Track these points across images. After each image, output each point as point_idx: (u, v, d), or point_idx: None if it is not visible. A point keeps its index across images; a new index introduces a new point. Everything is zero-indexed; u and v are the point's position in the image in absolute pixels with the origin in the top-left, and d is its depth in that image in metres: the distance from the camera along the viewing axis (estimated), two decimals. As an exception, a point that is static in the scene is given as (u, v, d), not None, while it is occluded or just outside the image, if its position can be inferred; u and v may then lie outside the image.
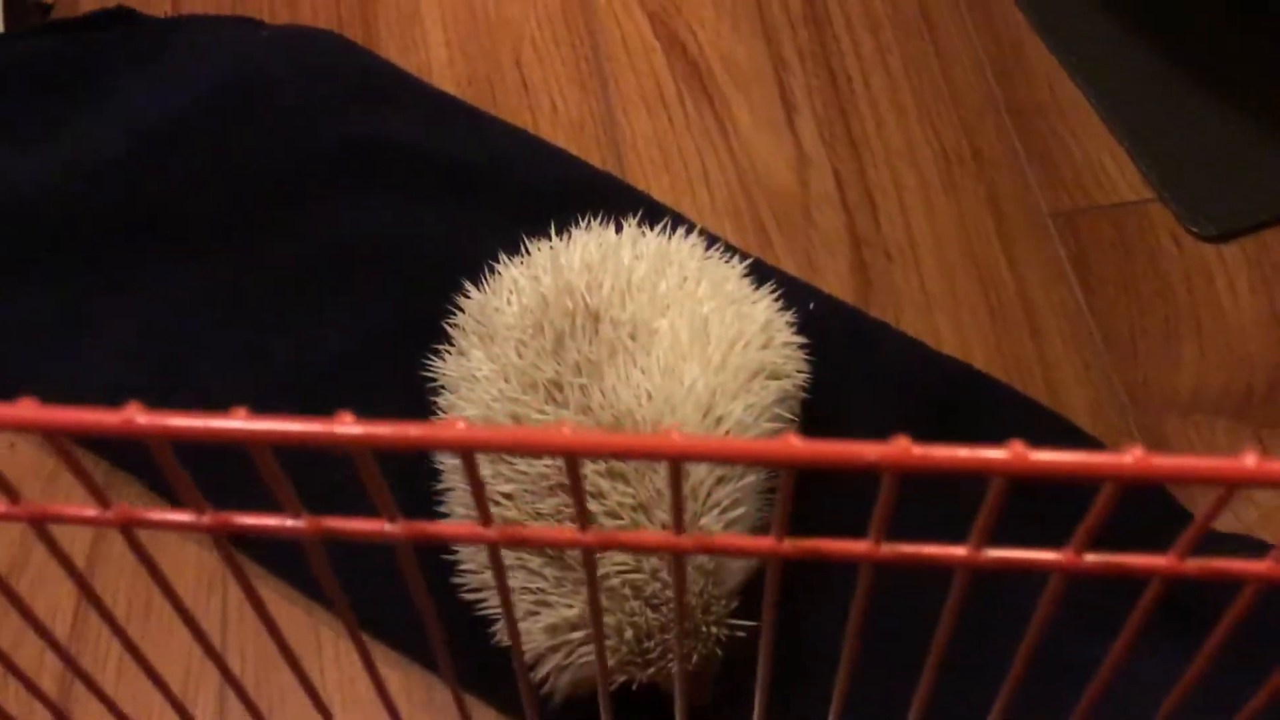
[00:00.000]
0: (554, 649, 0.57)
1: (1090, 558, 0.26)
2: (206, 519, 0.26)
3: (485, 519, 0.27)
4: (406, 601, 0.37)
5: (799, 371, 0.62)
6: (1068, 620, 0.39)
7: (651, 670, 0.56)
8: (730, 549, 0.26)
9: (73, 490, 0.72)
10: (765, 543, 0.26)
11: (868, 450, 0.23)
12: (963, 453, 0.23)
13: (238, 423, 0.24)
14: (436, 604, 0.38)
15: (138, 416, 0.24)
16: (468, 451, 0.24)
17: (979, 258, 0.78)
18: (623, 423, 0.56)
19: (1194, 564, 0.26)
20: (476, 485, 0.26)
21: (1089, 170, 0.81)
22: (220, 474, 0.35)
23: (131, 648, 0.34)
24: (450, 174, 0.80)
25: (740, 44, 0.88)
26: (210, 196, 0.82)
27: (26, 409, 0.24)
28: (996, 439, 0.35)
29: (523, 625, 0.57)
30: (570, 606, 0.55)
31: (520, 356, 0.59)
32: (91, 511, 0.27)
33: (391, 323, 0.74)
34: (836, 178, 0.82)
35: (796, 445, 0.23)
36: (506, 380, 0.58)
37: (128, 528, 0.27)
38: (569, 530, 0.26)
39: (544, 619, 0.57)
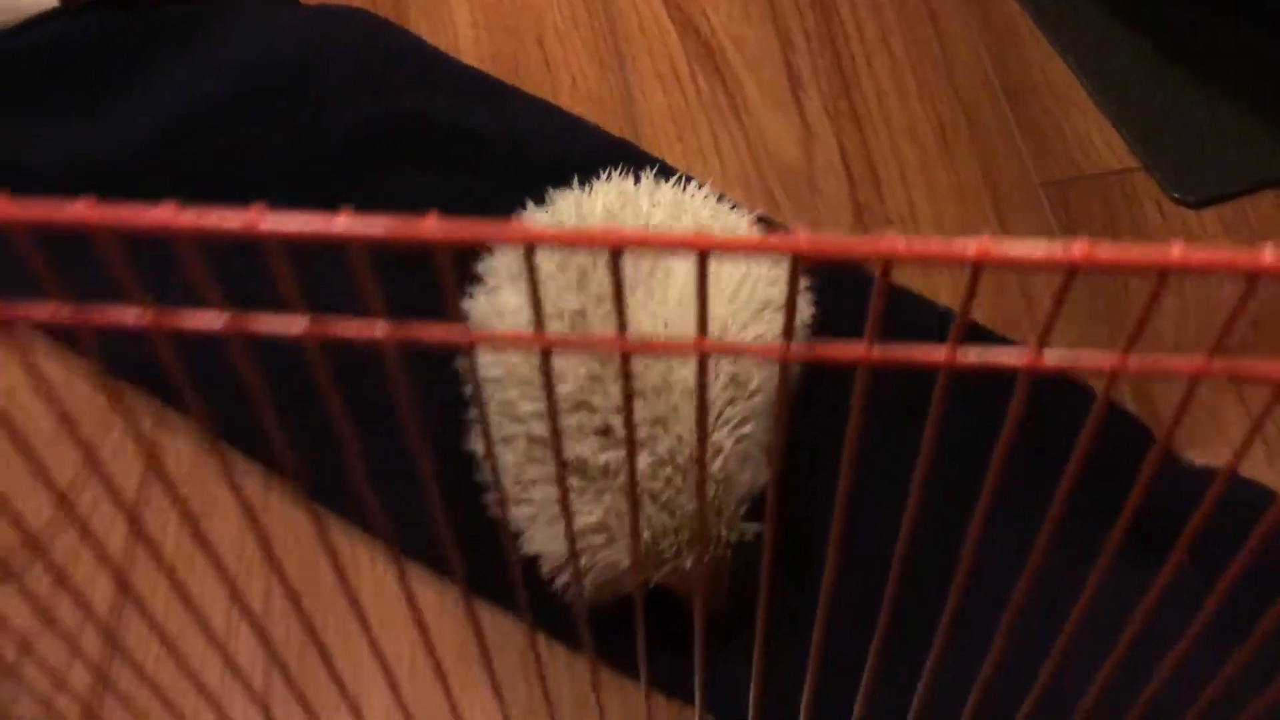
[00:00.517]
0: (579, 553, 0.62)
1: (1050, 354, 0.31)
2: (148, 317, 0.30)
3: (539, 323, 0.31)
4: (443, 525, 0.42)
5: (803, 305, 0.67)
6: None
7: (666, 569, 0.61)
8: (744, 349, 0.31)
9: (126, 433, 0.77)
10: (774, 349, 0.31)
11: (862, 244, 0.28)
12: (938, 246, 0.28)
13: (259, 220, 0.29)
14: (464, 522, 0.43)
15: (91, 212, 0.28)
16: (530, 245, 0.29)
17: (975, 223, 0.83)
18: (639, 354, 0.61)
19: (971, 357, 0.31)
20: (534, 287, 0.31)
21: (1078, 143, 0.86)
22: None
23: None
24: (480, 146, 0.85)
25: (750, 27, 0.94)
26: (249, 174, 0.87)
27: None
28: (994, 383, 0.40)
29: (547, 533, 0.62)
30: (591, 513, 0.60)
31: (544, 292, 0.64)
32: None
33: (426, 278, 0.79)
34: (841, 151, 0.88)
35: (803, 240, 0.28)
36: (532, 311, 0.63)
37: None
38: (609, 336, 0.31)
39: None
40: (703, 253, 0.28)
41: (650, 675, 0.52)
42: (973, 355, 0.31)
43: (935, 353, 0.31)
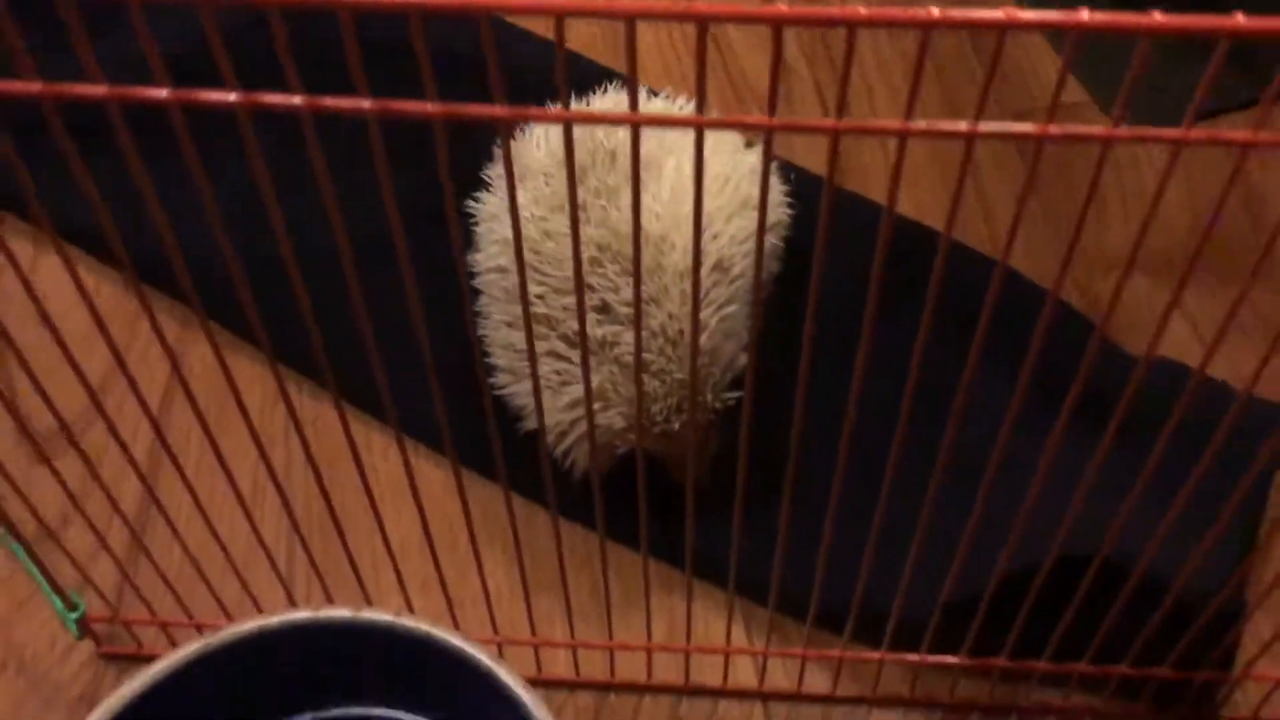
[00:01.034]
0: (576, 421, 0.68)
1: (984, 126, 0.38)
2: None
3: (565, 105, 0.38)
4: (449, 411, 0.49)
5: (782, 207, 0.74)
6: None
7: (657, 430, 0.67)
8: (734, 122, 0.38)
9: (152, 336, 0.83)
10: (758, 119, 0.38)
11: (831, 12, 0.34)
12: (897, 11, 0.34)
13: None
14: (465, 404, 0.49)
15: None
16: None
17: (939, 150, 0.90)
18: (632, 238, 0.67)
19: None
20: (561, 53, 0.37)
21: (1034, 78, 0.94)
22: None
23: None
24: (476, 70, 0.92)
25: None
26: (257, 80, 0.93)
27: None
28: (950, 281, 0.46)
29: (546, 403, 0.68)
30: (591, 382, 0.67)
31: (548, 186, 0.70)
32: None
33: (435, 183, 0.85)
34: (816, 86, 0.95)
35: (784, 10, 0.34)
36: (537, 205, 0.70)
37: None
38: (616, 114, 0.38)
39: (567, 395, 0.68)
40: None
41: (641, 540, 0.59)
42: (921, 125, 0.38)
43: (889, 124, 0.38)
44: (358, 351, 0.49)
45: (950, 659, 0.63)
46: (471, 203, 0.76)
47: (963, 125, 0.38)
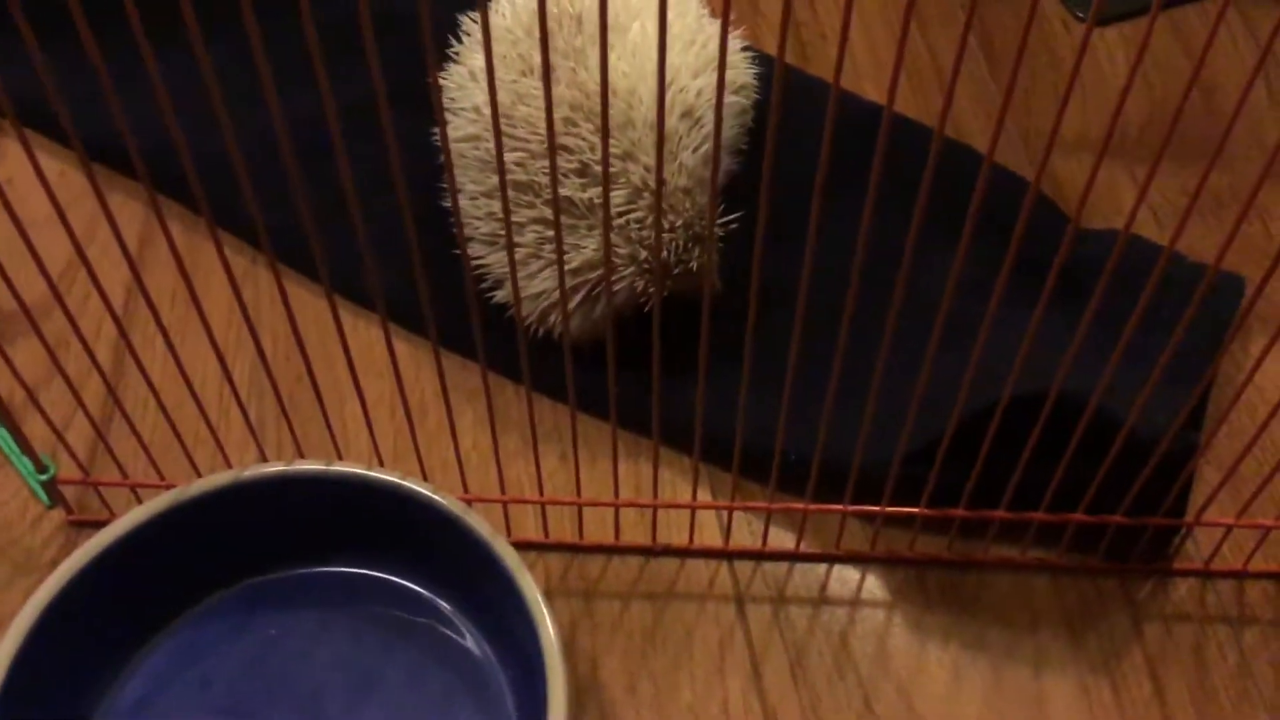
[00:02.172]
0: (575, 290, 0.68)
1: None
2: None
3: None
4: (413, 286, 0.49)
5: (746, 68, 0.75)
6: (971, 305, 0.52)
7: (676, 272, 0.68)
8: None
9: (121, 212, 0.83)
10: None
11: None
12: None
13: None
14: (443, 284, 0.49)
15: None
16: None
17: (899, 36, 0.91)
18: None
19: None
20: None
21: (995, -32, 0.95)
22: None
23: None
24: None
25: None
26: None
27: None
28: (910, 162, 0.47)
29: (544, 275, 0.69)
30: (587, 248, 0.67)
31: (517, 49, 0.71)
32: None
33: (406, 66, 0.85)
34: (779, -21, 0.95)
35: None
36: (506, 69, 0.70)
37: None
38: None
39: (566, 265, 0.68)
40: None
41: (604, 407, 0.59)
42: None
43: None
44: (324, 226, 0.50)
45: (911, 509, 0.65)
46: (439, 77, 0.76)
47: None
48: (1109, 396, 0.57)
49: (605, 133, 0.45)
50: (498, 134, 0.46)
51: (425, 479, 0.67)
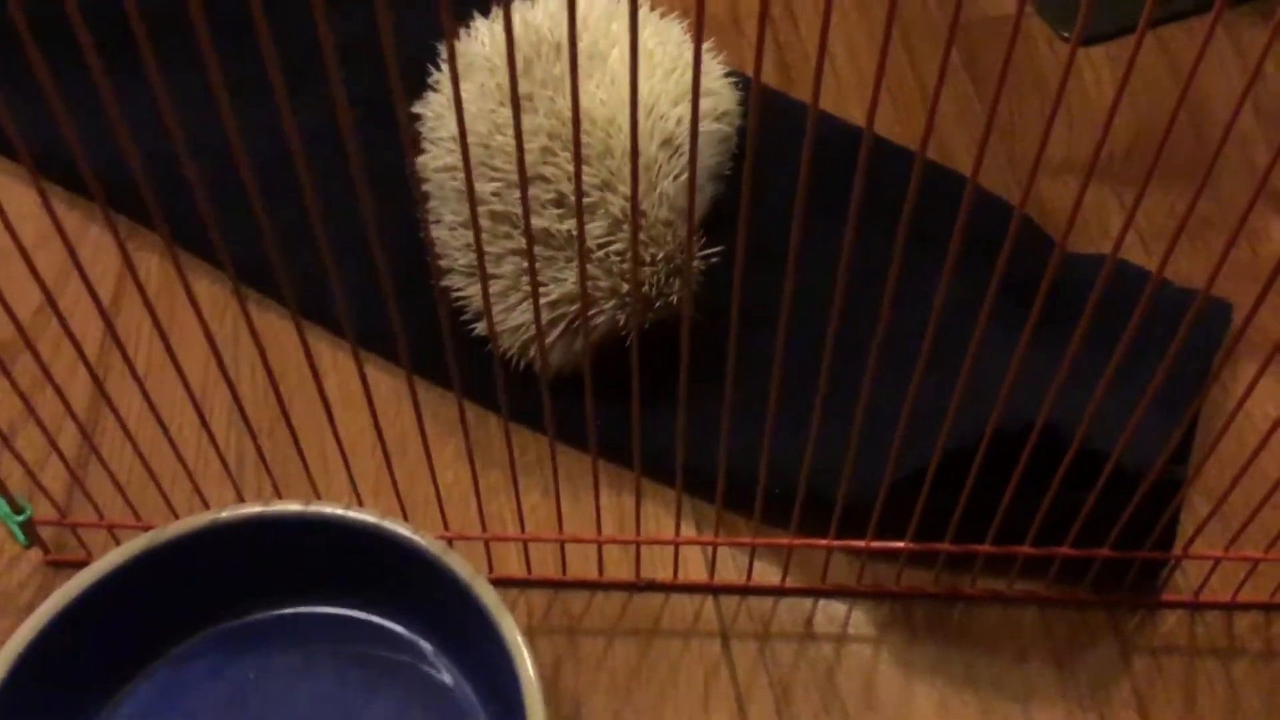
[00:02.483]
0: (554, 323, 0.68)
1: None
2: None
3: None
4: (404, 320, 0.48)
5: (728, 95, 0.74)
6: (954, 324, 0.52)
7: (657, 305, 0.67)
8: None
9: (98, 246, 0.82)
10: None
11: None
12: None
13: None
14: (423, 316, 0.48)
15: None
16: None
17: (890, 64, 0.91)
18: (583, 121, 0.67)
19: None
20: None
21: (979, -11, 0.95)
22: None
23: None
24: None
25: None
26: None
27: None
28: (895, 186, 0.47)
29: (523, 307, 0.68)
30: (566, 281, 0.67)
31: (494, 78, 0.70)
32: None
33: (382, 92, 0.85)
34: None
35: None
36: (484, 99, 0.70)
37: None
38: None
39: (543, 297, 0.67)
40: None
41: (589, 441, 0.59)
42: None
43: None
44: (307, 258, 0.49)
45: (896, 544, 0.64)
46: (417, 105, 0.75)
47: None
48: (1095, 427, 0.56)
49: (578, 162, 0.44)
50: (467, 165, 0.46)
51: (405, 516, 0.66)
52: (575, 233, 0.66)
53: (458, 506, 0.69)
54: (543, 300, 0.67)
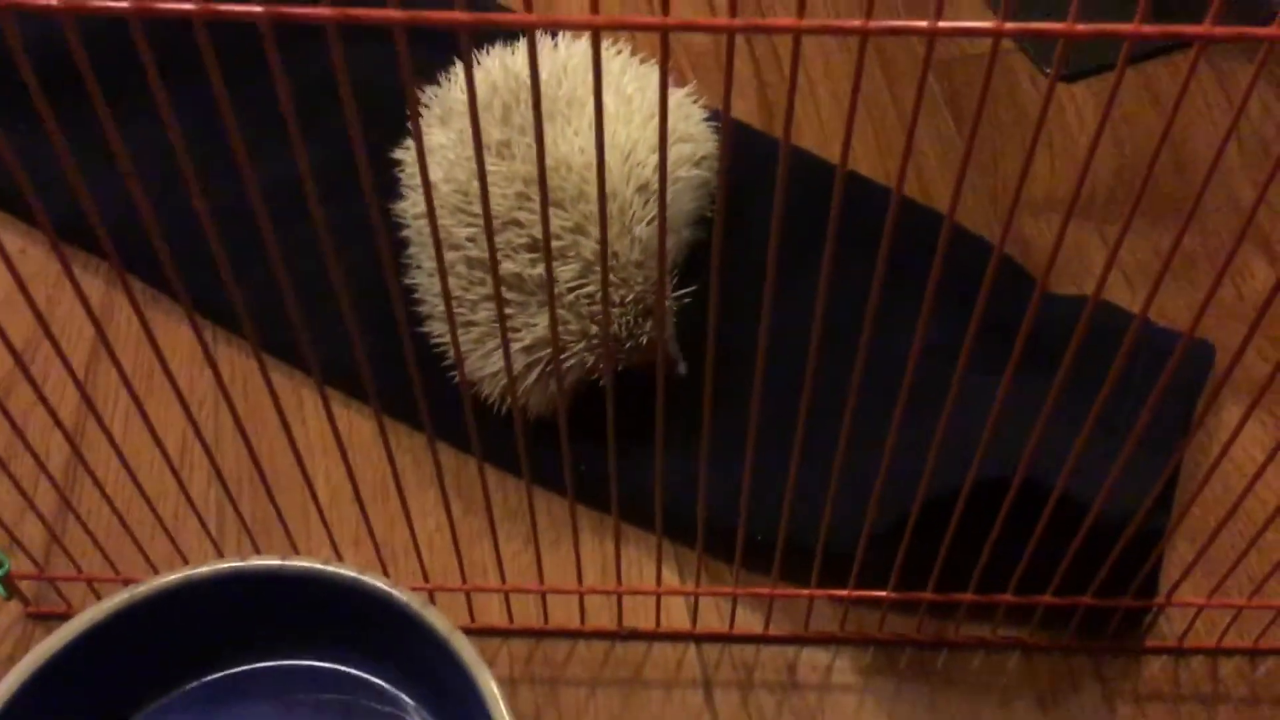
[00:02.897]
0: (529, 367, 0.67)
1: (874, 24, 0.38)
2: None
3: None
4: (381, 361, 0.48)
5: (707, 141, 0.74)
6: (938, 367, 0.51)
7: (629, 346, 0.67)
8: (633, 24, 0.37)
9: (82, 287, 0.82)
10: (721, 21, 0.37)
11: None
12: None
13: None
14: (397, 354, 0.48)
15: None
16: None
17: (867, 96, 0.91)
18: (559, 168, 0.67)
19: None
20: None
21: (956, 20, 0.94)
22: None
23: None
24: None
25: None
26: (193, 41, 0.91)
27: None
28: (876, 225, 0.46)
29: (498, 355, 0.68)
30: (538, 326, 0.66)
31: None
32: None
33: (366, 135, 0.85)
34: (746, 37, 0.95)
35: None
36: (464, 145, 0.70)
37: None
38: (578, 17, 0.38)
39: (517, 342, 0.67)
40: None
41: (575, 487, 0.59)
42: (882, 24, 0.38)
43: (849, 23, 0.38)
44: (284, 305, 0.49)
45: (878, 593, 0.64)
46: (398, 151, 0.75)
47: (855, 23, 0.37)
48: (1076, 477, 0.56)
49: (545, 207, 0.44)
50: (431, 215, 0.45)
51: (385, 566, 0.66)
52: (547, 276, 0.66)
53: (440, 553, 0.69)
54: (516, 345, 0.67)
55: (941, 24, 0.38)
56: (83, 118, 0.42)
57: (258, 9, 0.36)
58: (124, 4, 0.36)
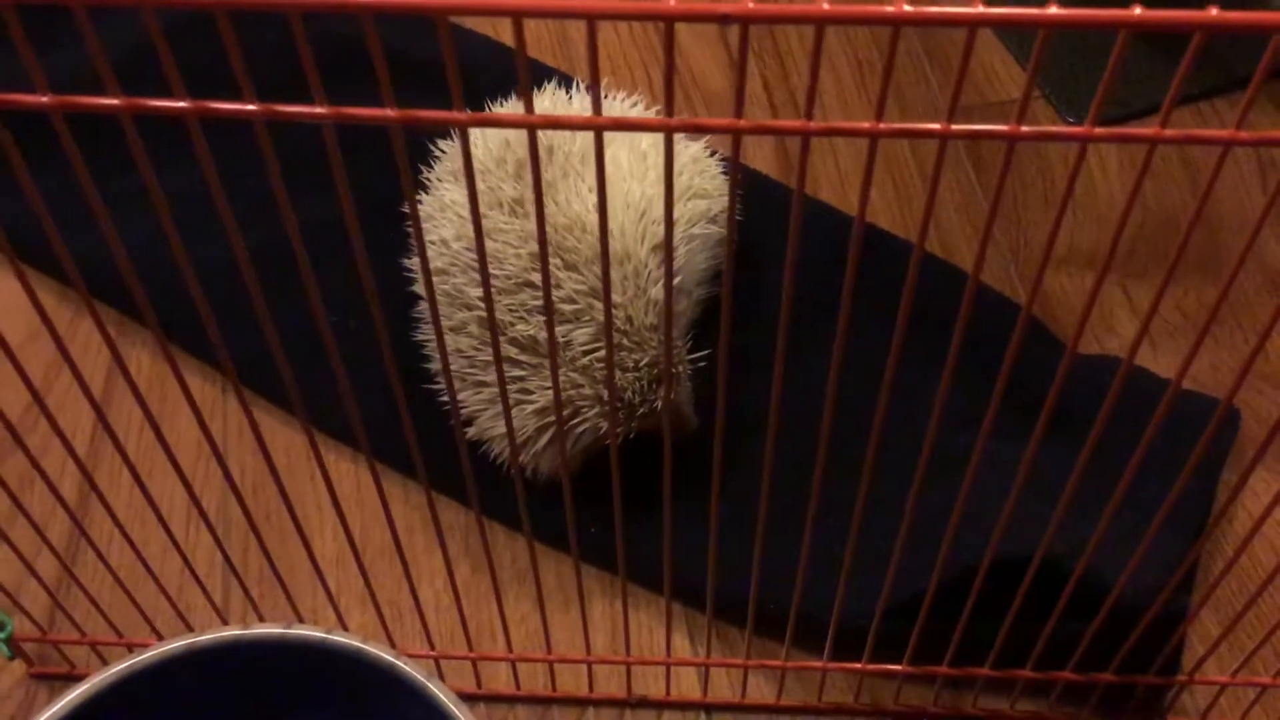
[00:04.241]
0: (541, 430, 0.66)
1: (957, 127, 0.37)
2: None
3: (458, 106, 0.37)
4: (392, 421, 0.47)
5: (723, 195, 0.73)
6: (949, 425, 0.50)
7: (642, 412, 0.66)
8: (635, 124, 0.36)
9: (90, 338, 0.81)
10: (725, 121, 0.36)
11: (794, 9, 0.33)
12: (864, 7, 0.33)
13: None
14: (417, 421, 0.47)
15: None
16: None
17: (886, 146, 0.90)
18: (573, 228, 0.66)
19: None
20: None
21: (983, 74, 0.93)
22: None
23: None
24: (427, 70, 0.90)
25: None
26: (207, 93, 0.91)
27: None
28: (895, 282, 0.45)
29: (512, 414, 0.67)
30: (549, 388, 0.65)
31: (485, 183, 0.69)
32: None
33: (379, 186, 0.84)
34: (764, 83, 0.94)
35: (673, 6, 0.33)
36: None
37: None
38: (579, 117, 0.37)
39: (530, 405, 0.66)
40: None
41: (580, 548, 0.58)
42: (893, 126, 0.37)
43: (860, 125, 0.37)
44: (299, 366, 0.48)
45: (893, 667, 0.62)
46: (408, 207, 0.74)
47: (935, 125, 0.36)
48: (1097, 555, 0.54)
49: (546, 276, 0.43)
50: (426, 275, 0.44)
51: (390, 630, 0.65)
52: (561, 339, 0.65)
53: (448, 614, 0.68)
54: (529, 408, 0.66)
55: (955, 127, 0.37)
56: (105, 160, 0.42)
57: (252, 107, 0.35)
58: (115, 101, 0.35)
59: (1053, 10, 0.33)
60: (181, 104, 0.35)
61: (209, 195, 0.44)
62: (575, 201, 0.67)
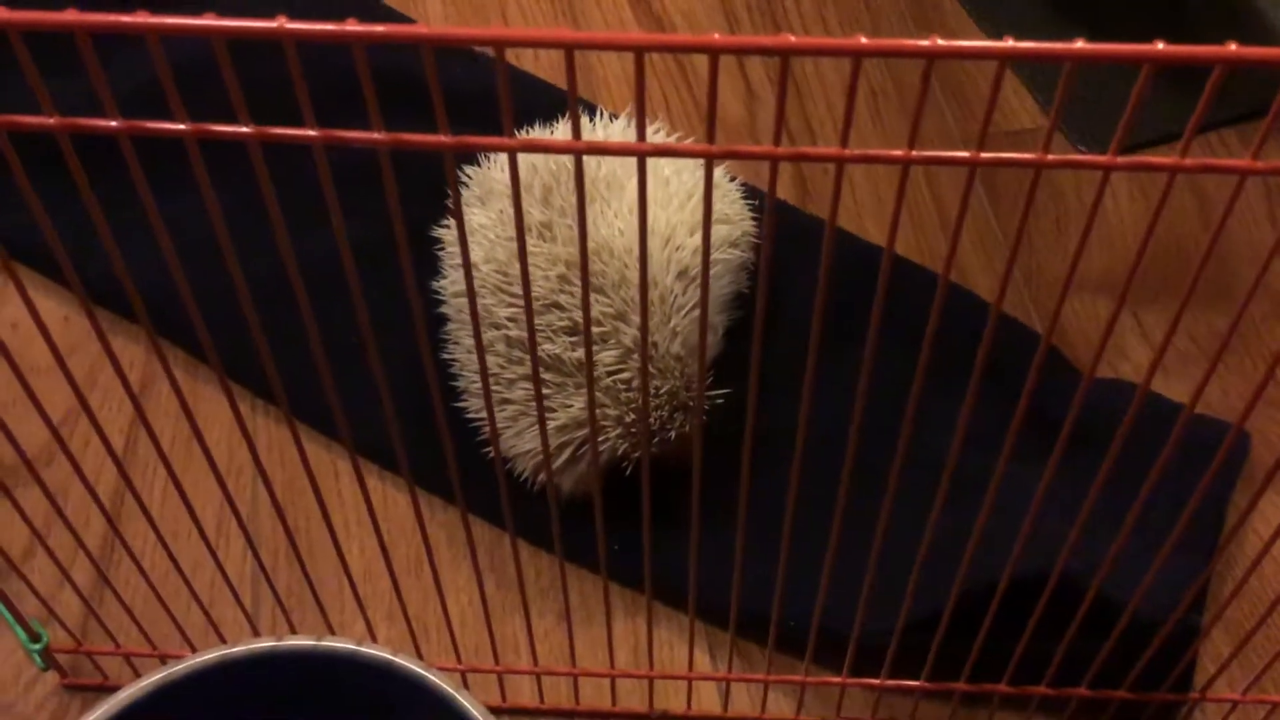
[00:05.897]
0: (561, 447, 0.68)
1: (986, 155, 0.38)
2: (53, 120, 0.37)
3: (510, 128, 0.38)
4: (418, 438, 0.48)
5: (744, 220, 0.75)
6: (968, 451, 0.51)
7: (656, 439, 0.67)
8: (678, 150, 0.38)
9: (121, 353, 0.83)
10: (762, 149, 0.38)
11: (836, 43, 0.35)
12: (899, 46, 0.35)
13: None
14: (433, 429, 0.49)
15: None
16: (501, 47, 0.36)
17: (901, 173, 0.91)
18: (600, 252, 0.68)
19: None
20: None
21: (996, 104, 0.95)
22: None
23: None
24: (448, 99, 0.92)
25: (698, 2, 1.02)
26: (274, 116, 0.93)
27: None
28: (911, 308, 0.46)
29: (527, 430, 0.69)
30: (572, 407, 0.67)
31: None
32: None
33: (406, 210, 0.86)
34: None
35: (718, 39, 0.35)
36: (503, 226, 0.71)
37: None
38: (624, 144, 0.38)
39: (551, 422, 0.68)
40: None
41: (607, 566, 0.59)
42: (923, 154, 0.38)
43: (891, 153, 0.38)
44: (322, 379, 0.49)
45: (911, 683, 0.63)
46: (438, 228, 0.76)
47: (965, 154, 0.38)
48: (1111, 575, 0.56)
49: (586, 291, 0.45)
50: (471, 293, 0.46)
51: (417, 643, 0.66)
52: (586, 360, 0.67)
53: (473, 629, 0.69)
54: (550, 425, 0.67)
55: (983, 154, 0.38)
56: (119, 183, 0.43)
57: (246, 129, 0.37)
58: (114, 124, 0.37)
59: (1079, 44, 0.35)
60: (181, 126, 0.37)
61: (241, 215, 0.46)
62: (602, 226, 0.68)
